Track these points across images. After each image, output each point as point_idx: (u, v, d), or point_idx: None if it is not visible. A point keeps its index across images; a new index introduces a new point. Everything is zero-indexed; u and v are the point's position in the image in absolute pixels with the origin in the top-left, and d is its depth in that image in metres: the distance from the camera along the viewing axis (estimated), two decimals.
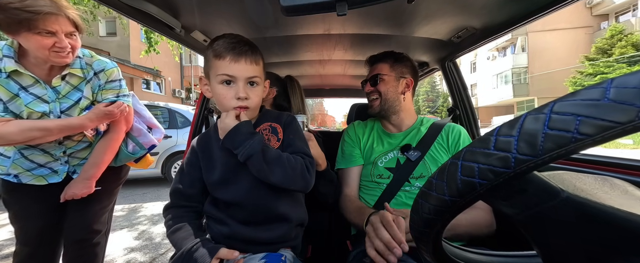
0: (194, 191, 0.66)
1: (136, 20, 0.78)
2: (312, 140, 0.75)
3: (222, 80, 0.57)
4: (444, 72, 1.26)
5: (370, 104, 0.94)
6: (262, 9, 0.78)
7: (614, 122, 0.15)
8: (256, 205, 0.62)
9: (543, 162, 0.17)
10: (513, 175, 0.18)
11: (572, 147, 0.16)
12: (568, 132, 0.16)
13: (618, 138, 0.15)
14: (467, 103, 1.23)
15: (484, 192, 0.20)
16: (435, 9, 0.81)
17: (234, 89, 0.57)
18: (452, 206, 0.22)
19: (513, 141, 0.18)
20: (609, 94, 0.15)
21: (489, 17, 0.83)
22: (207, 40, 1.00)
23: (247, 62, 0.56)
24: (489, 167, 0.19)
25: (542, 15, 0.74)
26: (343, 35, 1.02)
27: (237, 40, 0.58)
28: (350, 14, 0.65)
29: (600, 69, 12.10)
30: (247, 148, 0.54)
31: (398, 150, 0.86)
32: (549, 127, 0.17)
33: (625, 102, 0.15)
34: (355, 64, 1.41)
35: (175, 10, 0.78)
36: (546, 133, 0.17)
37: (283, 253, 0.62)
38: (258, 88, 0.61)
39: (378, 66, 0.93)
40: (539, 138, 0.17)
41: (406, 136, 0.89)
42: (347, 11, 0.44)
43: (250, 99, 0.58)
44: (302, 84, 2.00)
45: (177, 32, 0.86)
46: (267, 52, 1.22)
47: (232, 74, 0.56)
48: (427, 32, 0.98)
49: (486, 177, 0.19)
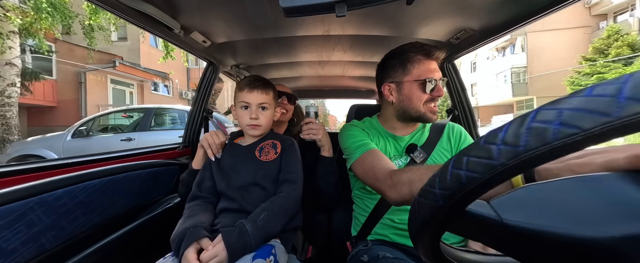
0: (209, 183, 0.77)
1: (135, 22, 0.78)
2: (323, 128, 0.89)
3: (241, 105, 0.77)
4: (443, 73, 1.27)
5: (435, 111, 0.77)
6: (261, 10, 0.79)
7: (580, 128, 0.16)
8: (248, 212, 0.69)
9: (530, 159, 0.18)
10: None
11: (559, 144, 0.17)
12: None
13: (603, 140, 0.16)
14: (465, 104, 1.24)
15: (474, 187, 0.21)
16: (434, 11, 0.82)
17: (248, 112, 0.76)
18: (444, 204, 0.22)
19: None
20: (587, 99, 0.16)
21: (488, 18, 0.84)
22: (206, 40, 1.00)
23: (259, 92, 0.75)
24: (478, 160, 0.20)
25: (540, 17, 0.74)
26: (342, 36, 1.03)
27: (254, 78, 0.78)
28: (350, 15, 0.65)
29: (597, 69, 12.15)
30: (246, 242, 0.59)
31: (403, 155, 0.81)
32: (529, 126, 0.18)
33: (595, 111, 0.16)
34: (354, 65, 1.41)
35: (174, 11, 0.78)
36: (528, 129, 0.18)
37: (272, 244, 0.66)
38: (268, 111, 0.78)
39: (437, 66, 0.78)
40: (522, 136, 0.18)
41: (412, 138, 0.84)
42: (347, 12, 0.44)
43: (260, 119, 0.76)
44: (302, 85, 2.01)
45: (176, 32, 0.86)
46: (267, 53, 1.23)
47: (247, 101, 0.75)
48: (426, 34, 0.98)
49: (476, 170, 0.20)
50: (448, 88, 1.29)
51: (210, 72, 1.26)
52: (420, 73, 0.74)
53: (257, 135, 0.79)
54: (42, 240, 0.60)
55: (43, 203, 0.61)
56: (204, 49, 1.07)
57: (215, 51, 1.12)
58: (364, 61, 1.33)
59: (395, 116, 0.83)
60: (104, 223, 0.76)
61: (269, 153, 0.77)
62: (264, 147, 0.78)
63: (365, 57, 1.28)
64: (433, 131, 0.84)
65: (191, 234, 0.59)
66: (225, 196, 0.73)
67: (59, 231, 0.64)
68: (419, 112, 0.76)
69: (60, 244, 0.64)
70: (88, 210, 0.72)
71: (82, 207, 0.70)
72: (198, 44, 1.01)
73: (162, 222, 0.93)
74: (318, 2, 0.43)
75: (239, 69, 1.40)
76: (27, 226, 0.58)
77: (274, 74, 1.59)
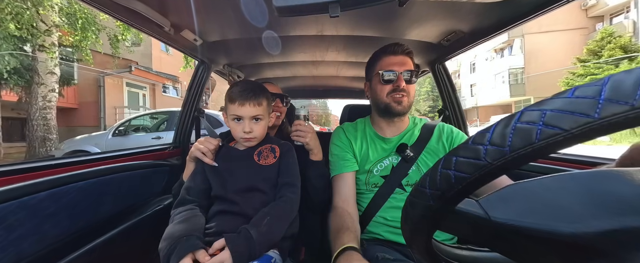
0: (203, 187, 0.74)
1: (124, 19, 0.75)
2: (313, 131, 0.86)
3: (233, 118, 0.73)
4: (434, 74, 1.29)
5: (399, 100, 0.79)
6: (254, 9, 0.78)
7: (562, 129, 0.17)
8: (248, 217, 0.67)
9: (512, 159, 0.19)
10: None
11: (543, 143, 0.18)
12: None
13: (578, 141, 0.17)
14: (456, 104, 1.26)
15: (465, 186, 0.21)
16: (425, 13, 0.83)
17: (242, 125, 0.72)
18: (435, 203, 0.23)
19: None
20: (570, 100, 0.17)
21: (477, 21, 0.86)
22: (198, 39, 0.98)
23: (251, 105, 0.71)
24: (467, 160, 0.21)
25: (526, 20, 0.77)
26: (336, 36, 1.03)
27: (245, 88, 0.72)
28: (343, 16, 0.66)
29: (591, 70, 12.49)
30: (252, 248, 0.59)
31: (392, 155, 0.83)
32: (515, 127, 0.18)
33: (575, 112, 0.17)
34: (348, 65, 1.42)
35: (164, 8, 0.77)
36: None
37: (271, 255, 0.65)
38: (262, 122, 0.75)
39: (408, 60, 0.81)
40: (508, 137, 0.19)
41: (401, 139, 0.85)
42: (340, 13, 0.44)
43: (254, 131, 0.73)
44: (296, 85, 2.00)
45: (166, 30, 0.84)
46: (260, 52, 1.22)
47: (240, 114, 0.72)
48: (418, 35, 1.00)
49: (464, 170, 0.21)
50: (439, 89, 1.31)
51: (202, 71, 1.24)
52: (381, 67, 0.82)
53: (252, 145, 0.77)
54: (23, 245, 0.58)
55: (24, 207, 0.58)
56: (195, 48, 1.05)
57: (207, 50, 1.10)
58: (357, 62, 1.34)
59: (376, 112, 0.89)
60: (90, 227, 0.74)
61: (268, 157, 0.76)
62: (262, 151, 0.77)
63: (359, 57, 1.29)
64: (424, 131, 0.86)
65: (185, 244, 0.56)
66: (224, 199, 0.71)
67: (42, 236, 0.61)
68: (384, 102, 0.82)
69: (42, 249, 0.61)
70: (73, 213, 0.69)
71: (66, 210, 0.67)
72: (189, 43, 0.99)
73: (152, 225, 0.91)
74: (312, 2, 0.43)
75: (231, 68, 1.38)
76: (7, 230, 0.55)
77: (268, 73, 1.57)
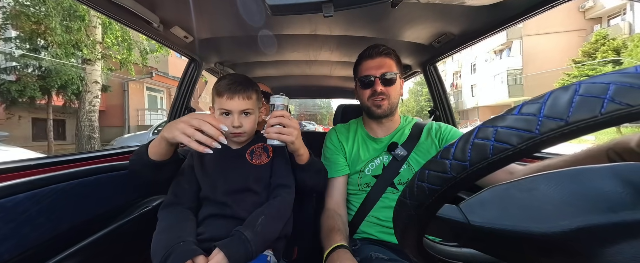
0: (189, 189, 0.72)
1: (111, 15, 0.73)
2: (298, 127, 0.70)
3: (221, 112, 0.70)
4: (426, 75, 1.31)
5: (379, 104, 0.81)
6: (247, 6, 0.77)
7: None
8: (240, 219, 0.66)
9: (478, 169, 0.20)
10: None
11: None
12: None
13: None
14: (446, 104, 1.29)
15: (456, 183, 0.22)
16: (417, 15, 0.84)
17: (230, 119, 0.69)
18: (416, 213, 0.24)
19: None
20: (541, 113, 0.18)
21: (467, 24, 0.88)
22: (188, 36, 0.96)
23: (240, 98, 0.68)
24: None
25: (514, 23, 0.79)
26: (329, 36, 1.03)
27: (233, 80, 0.69)
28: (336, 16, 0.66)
29: (585, 71, 12.99)
30: (248, 249, 0.58)
31: (384, 154, 0.84)
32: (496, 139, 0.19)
33: (521, 129, 0.18)
34: (341, 65, 1.42)
35: (152, 4, 0.74)
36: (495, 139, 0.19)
37: (266, 254, 0.65)
38: (251, 116, 0.72)
39: (386, 61, 0.81)
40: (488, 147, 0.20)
41: (392, 138, 0.86)
42: (333, 13, 0.44)
43: (244, 126, 0.70)
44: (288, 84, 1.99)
45: (155, 27, 0.82)
46: (253, 50, 1.20)
47: (228, 108, 0.68)
48: (410, 36, 1.01)
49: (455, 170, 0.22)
50: (429, 89, 1.34)
51: (193, 69, 1.21)
52: (360, 72, 0.85)
53: (241, 141, 0.75)
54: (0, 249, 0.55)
55: (0, 209, 0.55)
56: (186, 45, 1.02)
57: (198, 47, 1.08)
58: (350, 62, 1.35)
59: (366, 114, 0.91)
60: (73, 230, 0.71)
61: (261, 157, 0.74)
62: (255, 151, 0.75)
63: (352, 57, 1.29)
64: (414, 130, 0.87)
65: (182, 250, 0.55)
66: (213, 202, 0.69)
67: (20, 240, 0.58)
68: (366, 105, 0.85)
69: (20, 254, 0.58)
70: (54, 216, 0.66)
71: (46, 213, 0.64)
72: (179, 40, 0.97)
73: (139, 227, 0.88)
74: (305, 1, 0.43)
75: (223, 67, 1.36)
76: None
77: (260, 72, 1.56)
